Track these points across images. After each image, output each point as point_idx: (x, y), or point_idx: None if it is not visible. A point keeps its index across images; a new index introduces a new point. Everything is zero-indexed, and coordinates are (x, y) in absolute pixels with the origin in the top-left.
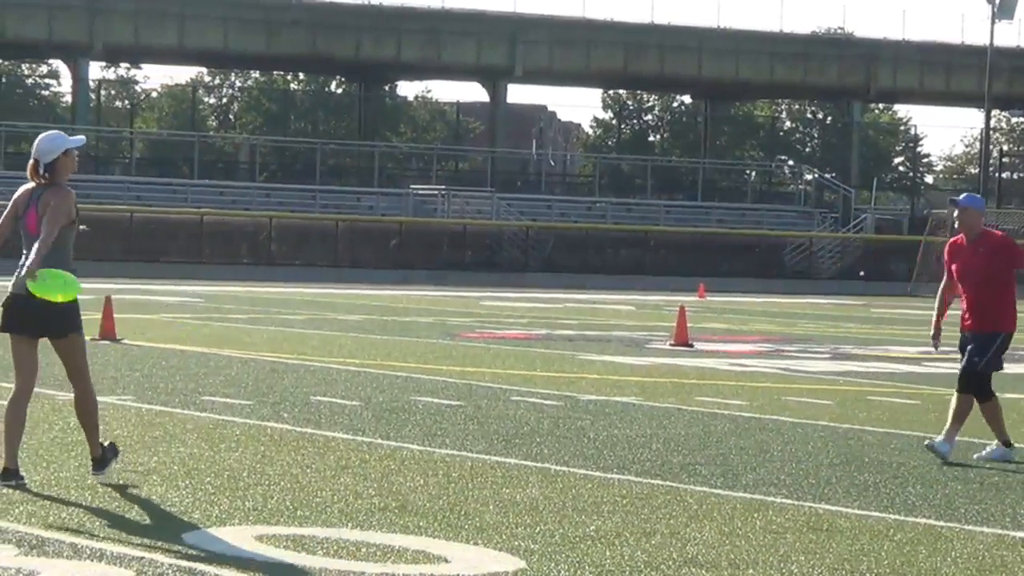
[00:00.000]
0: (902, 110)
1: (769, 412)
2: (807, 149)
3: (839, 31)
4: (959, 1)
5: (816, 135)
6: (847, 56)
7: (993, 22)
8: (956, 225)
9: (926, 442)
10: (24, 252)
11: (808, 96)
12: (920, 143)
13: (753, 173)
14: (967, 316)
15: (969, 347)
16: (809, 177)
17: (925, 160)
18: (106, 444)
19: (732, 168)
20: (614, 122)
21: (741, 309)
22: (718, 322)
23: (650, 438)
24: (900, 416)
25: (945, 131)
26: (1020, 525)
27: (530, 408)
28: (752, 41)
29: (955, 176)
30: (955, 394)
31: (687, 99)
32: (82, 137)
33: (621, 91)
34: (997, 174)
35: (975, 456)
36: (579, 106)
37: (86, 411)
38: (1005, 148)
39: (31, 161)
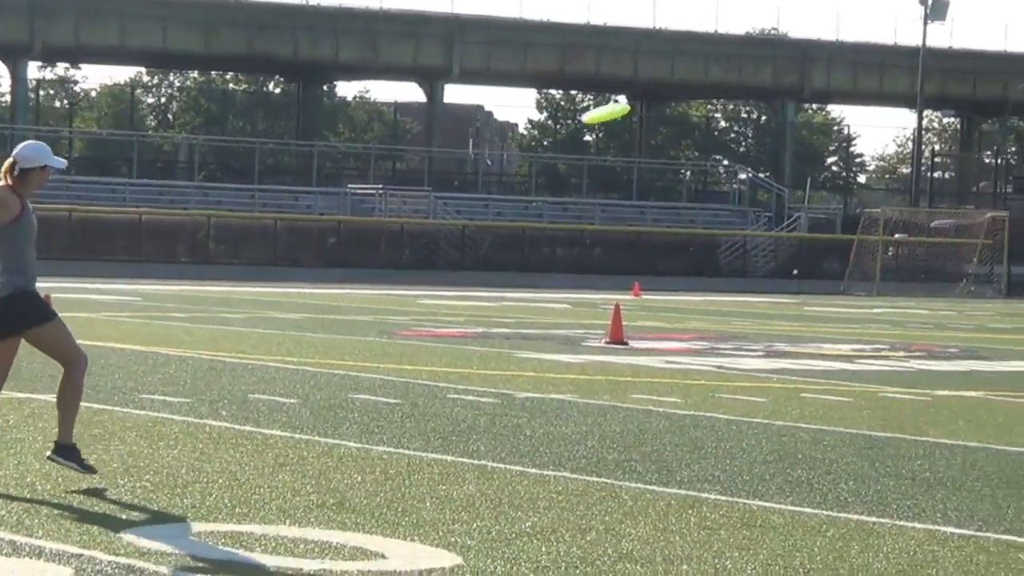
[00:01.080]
0: (835, 110)
1: (703, 409)
2: (741, 149)
3: (773, 32)
4: (892, 2)
5: (750, 135)
6: (781, 57)
7: (925, 23)
8: None
9: None
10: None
11: (742, 96)
12: (853, 143)
13: (688, 172)
14: None
15: None
16: (743, 176)
17: (858, 160)
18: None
19: (667, 167)
20: (549, 123)
21: (676, 307)
22: (653, 320)
23: (585, 435)
24: (833, 413)
25: (878, 131)
26: (950, 520)
27: (467, 406)
28: (687, 42)
29: (887, 176)
30: None
31: (622, 99)
32: (64, 161)
33: (556, 92)
34: (929, 174)
35: None
36: (516, 106)
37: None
38: (937, 148)
39: (9, 160)
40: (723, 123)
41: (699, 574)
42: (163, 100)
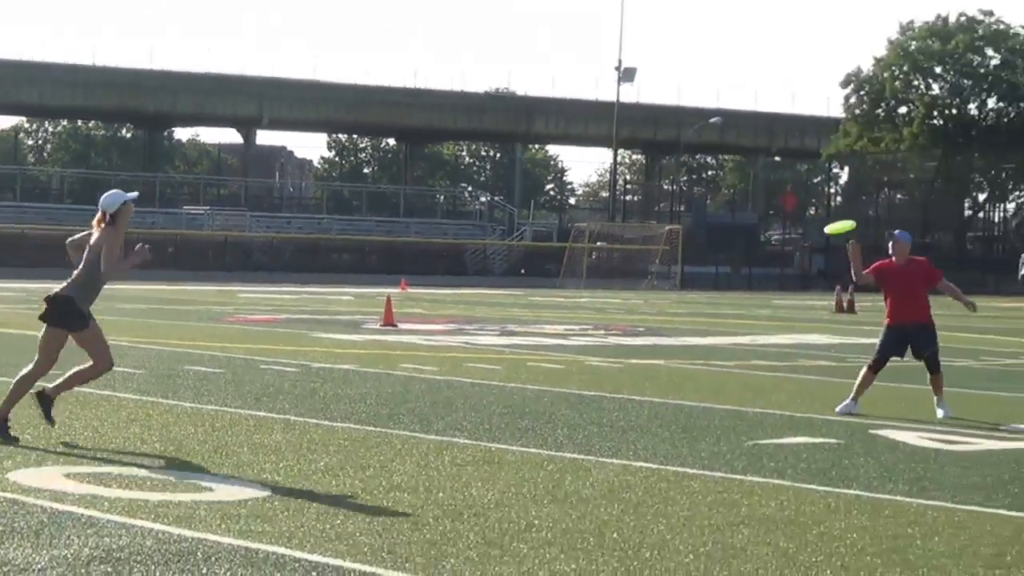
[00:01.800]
0: (552, 149)
1: (454, 375)
2: (482, 178)
3: (505, 90)
4: (594, 68)
5: (488, 168)
6: (512, 108)
7: (619, 84)
8: (891, 251)
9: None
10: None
11: (482, 139)
12: (565, 174)
13: (442, 196)
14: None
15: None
16: (484, 199)
17: (569, 187)
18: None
19: (426, 193)
20: (337, 159)
21: (433, 298)
22: (416, 308)
23: (365, 395)
24: (551, 377)
25: (584, 165)
26: (640, 457)
27: (274, 374)
28: (441, 97)
29: (591, 199)
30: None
31: (392, 141)
32: (135, 193)
33: (343, 136)
34: (623, 197)
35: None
36: (311, 146)
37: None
38: (628, 178)
39: (98, 214)
40: (468, 159)
41: (451, 499)
42: (40, 142)
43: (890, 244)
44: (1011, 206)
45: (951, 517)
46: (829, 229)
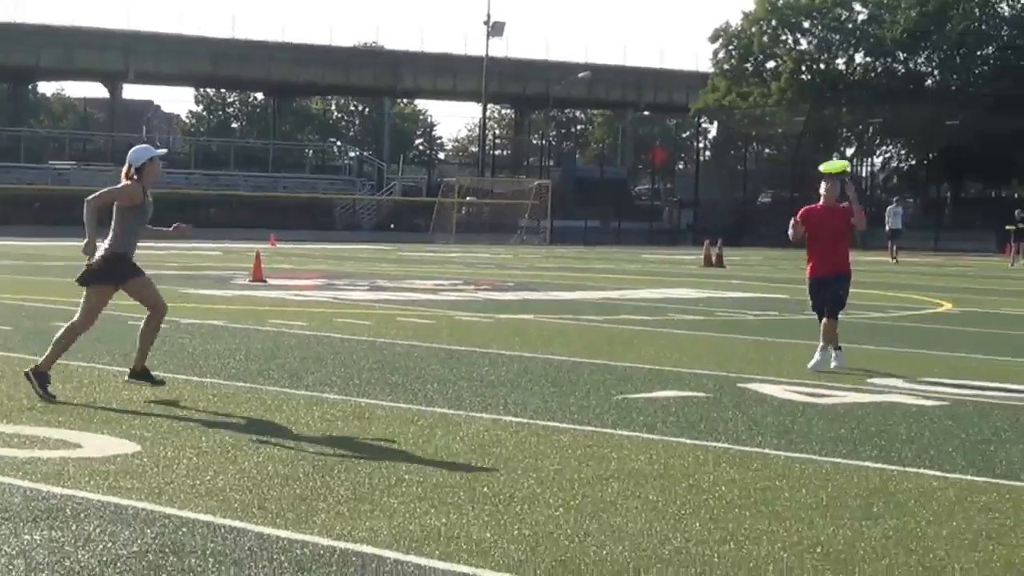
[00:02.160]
0: (421, 104)
1: (324, 330)
2: (351, 133)
3: (374, 44)
4: (463, 22)
5: (357, 123)
6: (380, 63)
7: (488, 39)
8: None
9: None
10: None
11: (351, 93)
12: (434, 129)
13: (311, 151)
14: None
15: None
16: (353, 154)
17: (438, 142)
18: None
19: (295, 148)
20: (205, 114)
21: (302, 253)
22: (285, 263)
23: (235, 351)
24: (421, 332)
25: (453, 120)
26: (510, 411)
27: None
28: (309, 52)
29: (461, 153)
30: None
31: (260, 95)
32: (164, 149)
33: (210, 90)
34: (492, 152)
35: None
36: (178, 100)
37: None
38: (497, 132)
39: (125, 166)
40: (337, 114)
41: (321, 455)
42: None
43: (821, 184)
44: (878, 161)
45: (818, 469)
46: (824, 167)
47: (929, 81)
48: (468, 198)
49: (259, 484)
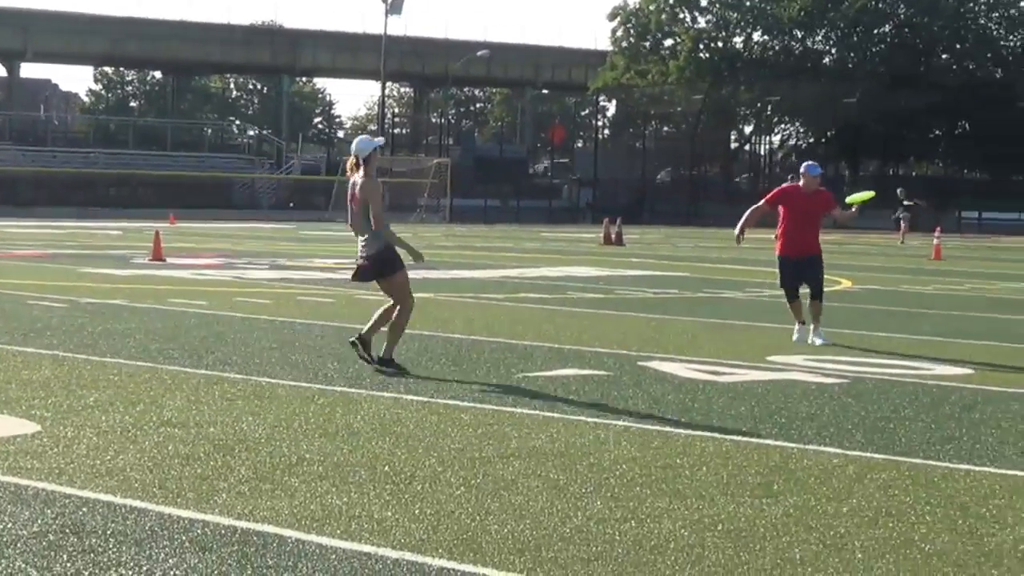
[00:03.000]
0: (320, 82)
1: (224, 309)
2: (250, 112)
3: (272, 23)
4: (362, 0)
5: (257, 101)
6: (279, 42)
7: (387, 16)
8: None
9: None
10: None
11: (250, 72)
12: (333, 107)
13: (209, 130)
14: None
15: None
16: (252, 133)
17: (338, 120)
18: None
19: (193, 126)
20: (104, 92)
21: (202, 233)
22: (185, 242)
23: (135, 330)
24: (321, 311)
25: (353, 98)
26: (411, 390)
27: (42, 309)
28: (207, 30)
29: (361, 131)
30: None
31: (159, 74)
32: (382, 139)
33: (109, 69)
34: (391, 131)
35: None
36: (77, 79)
37: (394, 319)
38: (396, 111)
39: (351, 159)
40: (236, 92)
41: (223, 434)
42: None
43: (801, 174)
44: (776, 139)
45: (719, 447)
46: (851, 199)
47: (826, 59)
48: None
49: (160, 464)
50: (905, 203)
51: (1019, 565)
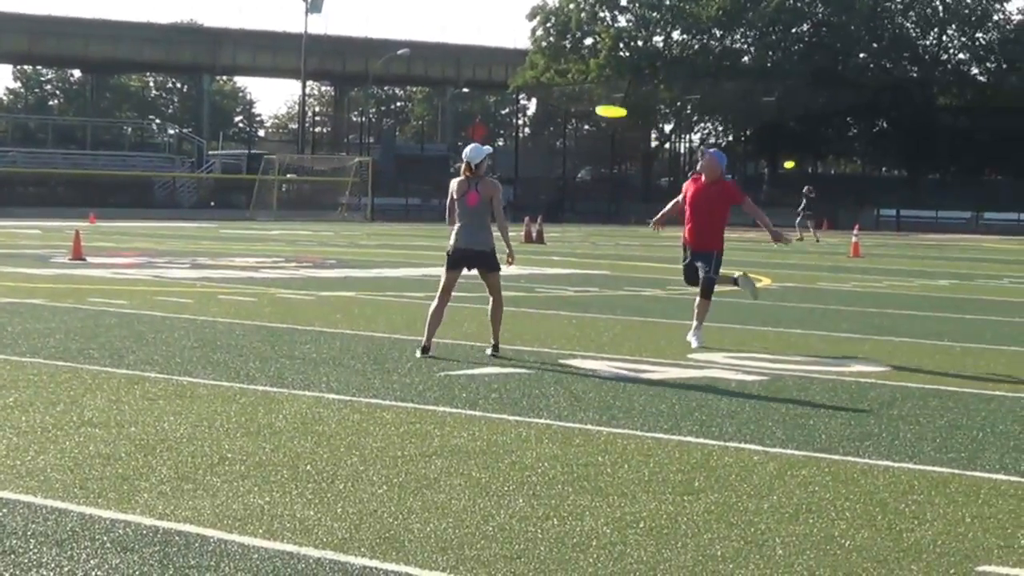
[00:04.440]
0: (241, 81)
1: (145, 308)
2: (170, 110)
3: (192, 21)
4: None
5: (176, 100)
6: (199, 40)
7: (307, 15)
8: (699, 167)
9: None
10: (461, 222)
11: (170, 71)
12: (254, 106)
13: (129, 129)
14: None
15: (699, 263)
16: (172, 132)
17: (258, 119)
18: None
19: (113, 125)
20: (22, 90)
21: (123, 231)
22: (106, 242)
23: (54, 330)
24: (243, 310)
25: (273, 97)
26: (332, 389)
27: None
28: (126, 28)
29: (281, 130)
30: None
31: (78, 72)
32: (490, 148)
33: (27, 67)
34: (312, 129)
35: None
36: None
37: (496, 314)
38: (317, 110)
39: (464, 163)
40: (155, 91)
41: (144, 434)
42: None
43: (701, 160)
44: (696, 137)
45: (640, 444)
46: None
47: (745, 58)
48: (289, 175)
49: (80, 464)
50: (805, 201)
51: (938, 560)
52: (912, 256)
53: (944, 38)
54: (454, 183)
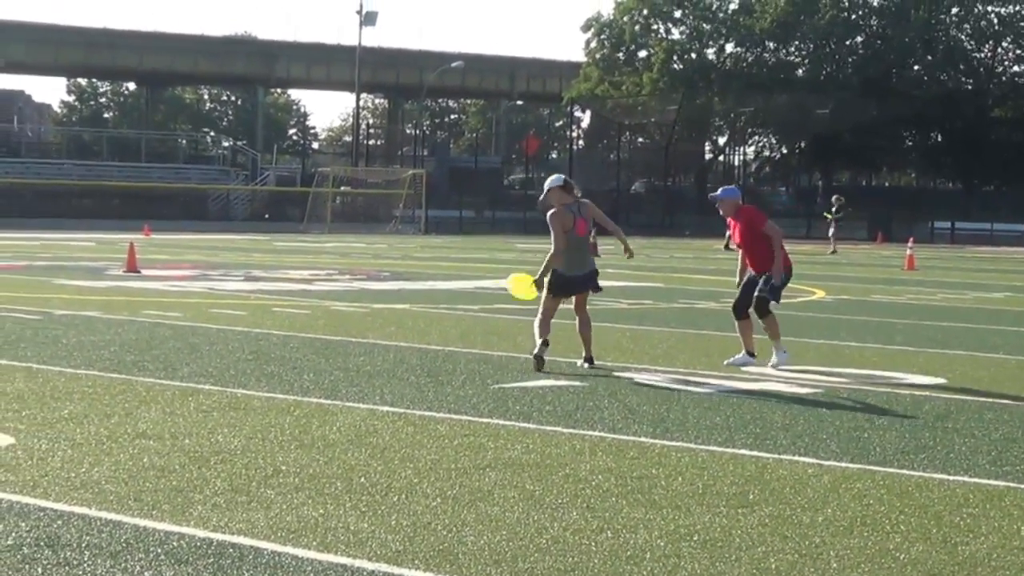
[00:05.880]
0: (295, 94)
1: (199, 321)
2: (224, 123)
3: (246, 34)
4: (337, 11)
5: (231, 112)
6: (253, 53)
7: (361, 28)
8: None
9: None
10: (569, 248)
11: (224, 83)
12: (308, 119)
13: (184, 141)
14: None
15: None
16: (226, 144)
17: (312, 131)
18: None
19: (168, 137)
20: (77, 103)
21: (177, 244)
22: (160, 254)
23: (109, 342)
24: (296, 322)
25: (328, 109)
26: (386, 401)
27: (16, 321)
28: (181, 41)
29: (335, 143)
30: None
31: (132, 85)
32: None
33: (83, 80)
34: (366, 141)
35: (725, 363)
36: (50, 90)
37: (586, 331)
38: (371, 122)
39: (559, 186)
40: (210, 104)
41: (198, 446)
42: None
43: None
44: (750, 150)
45: (694, 457)
46: (512, 288)
47: (799, 71)
48: (343, 188)
49: (135, 476)
50: (838, 214)
51: (992, 574)
52: (966, 268)
53: (1000, 50)
54: (554, 214)
